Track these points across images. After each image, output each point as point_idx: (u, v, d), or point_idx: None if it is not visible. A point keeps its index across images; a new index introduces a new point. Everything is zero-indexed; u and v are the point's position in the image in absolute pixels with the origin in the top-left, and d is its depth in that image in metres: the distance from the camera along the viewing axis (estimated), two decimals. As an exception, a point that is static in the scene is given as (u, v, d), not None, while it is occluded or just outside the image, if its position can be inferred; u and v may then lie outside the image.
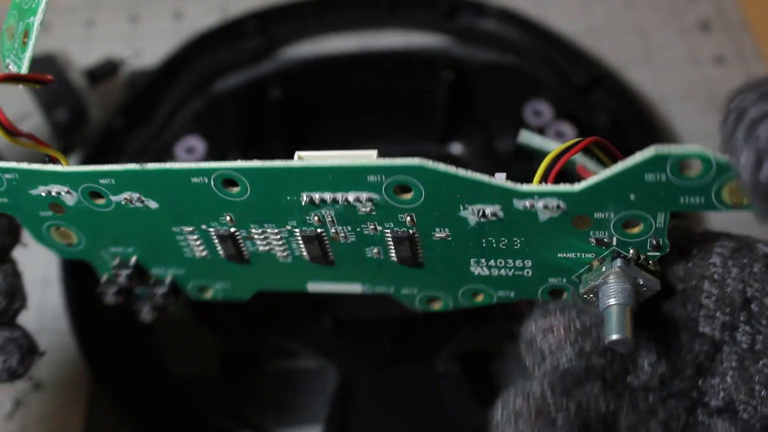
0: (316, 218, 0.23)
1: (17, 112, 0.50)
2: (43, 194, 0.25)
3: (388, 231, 0.23)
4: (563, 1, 0.62)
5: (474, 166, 0.52)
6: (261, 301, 0.44)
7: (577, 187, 0.20)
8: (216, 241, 0.25)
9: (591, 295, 0.23)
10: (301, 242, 0.25)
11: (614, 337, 0.20)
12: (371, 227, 0.23)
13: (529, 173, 0.49)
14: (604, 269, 0.22)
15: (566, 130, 0.46)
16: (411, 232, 0.23)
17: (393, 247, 0.24)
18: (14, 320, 0.27)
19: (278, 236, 0.25)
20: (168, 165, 0.23)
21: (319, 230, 0.24)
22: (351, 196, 0.22)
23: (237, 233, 0.25)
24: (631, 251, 0.22)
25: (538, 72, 0.51)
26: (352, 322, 0.45)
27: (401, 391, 0.42)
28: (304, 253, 0.25)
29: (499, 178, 0.21)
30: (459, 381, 0.42)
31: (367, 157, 0.22)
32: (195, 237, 0.26)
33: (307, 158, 0.22)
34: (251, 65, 0.56)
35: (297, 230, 0.24)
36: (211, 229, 0.25)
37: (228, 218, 0.24)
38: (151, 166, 0.23)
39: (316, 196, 0.22)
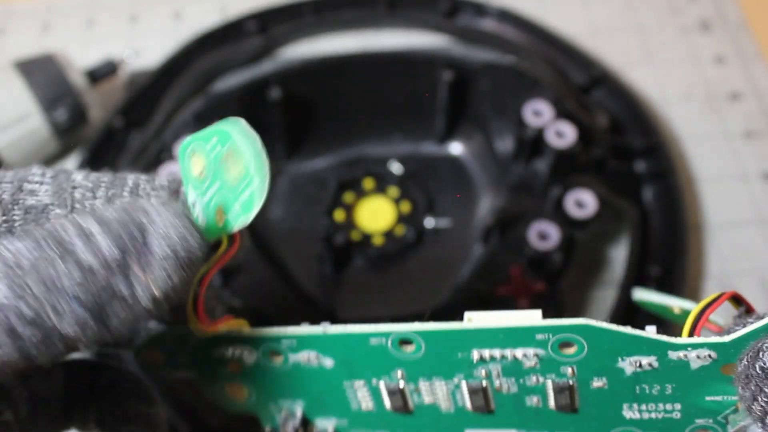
0: (483, 372, 0.24)
1: (17, 112, 0.50)
2: (227, 354, 0.25)
3: (550, 381, 0.25)
4: (563, 1, 0.62)
5: (474, 166, 0.53)
6: (263, 303, 0.44)
7: (727, 338, 0.22)
8: (384, 394, 0.26)
9: None
10: (466, 394, 0.25)
11: None
12: (534, 379, 0.25)
13: (530, 174, 0.49)
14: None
15: (566, 130, 0.46)
16: (571, 382, 0.24)
17: (552, 396, 0.25)
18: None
19: (445, 389, 0.26)
20: (349, 328, 0.24)
21: (484, 383, 0.25)
22: (519, 353, 0.23)
23: (406, 387, 0.26)
24: None
25: (538, 72, 0.51)
26: (353, 323, 0.45)
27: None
28: (468, 404, 0.26)
29: (650, 332, 0.23)
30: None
31: (533, 316, 0.23)
32: (364, 390, 0.26)
33: (476, 320, 0.24)
34: (251, 65, 0.56)
35: (464, 383, 0.25)
36: (381, 383, 0.26)
37: (399, 373, 0.25)
38: (333, 329, 0.24)
39: (486, 352, 0.24)
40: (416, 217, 0.50)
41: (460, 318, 0.24)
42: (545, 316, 0.40)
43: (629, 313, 0.43)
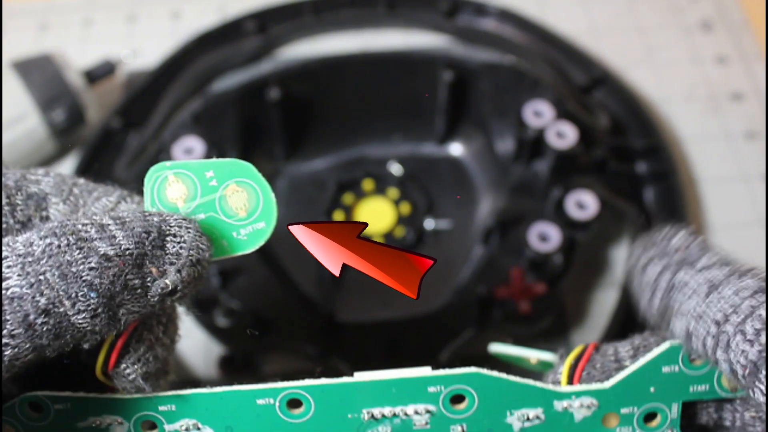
0: None
1: (14, 113, 0.50)
2: (93, 426, 0.22)
3: None
4: (563, 1, 0.62)
5: (474, 167, 0.52)
6: (262, 306, 0.44)
7: (608, 384, 0.23)
8: None
9: None
10: None
11: None
12: None
13: (530, 175, 0.49)
14: None
15: (567, 130, 0.46)
16: None
17: None
18: None
19: None
20: (235, 387, 0.23)
21: None
22: (410, 409, 0.23)
23: None
24: None
25: (539, 72, 0.51)
26: (352, 325, 0.45)
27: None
28: None
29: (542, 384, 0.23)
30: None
31: (422, 371, 0.23)
32: None
33: (367, 375, 0.23)
34: (250, 65, 0.55)
35: None
36: None
37: None
38: (220, 388, 0.23)
39: (377, 411, 0.23)
40: (416, 218, 0.50)
41: (459, 321, 0.24)
42: (546, 317, 0.39)
43: (630, 315, 0.43)
